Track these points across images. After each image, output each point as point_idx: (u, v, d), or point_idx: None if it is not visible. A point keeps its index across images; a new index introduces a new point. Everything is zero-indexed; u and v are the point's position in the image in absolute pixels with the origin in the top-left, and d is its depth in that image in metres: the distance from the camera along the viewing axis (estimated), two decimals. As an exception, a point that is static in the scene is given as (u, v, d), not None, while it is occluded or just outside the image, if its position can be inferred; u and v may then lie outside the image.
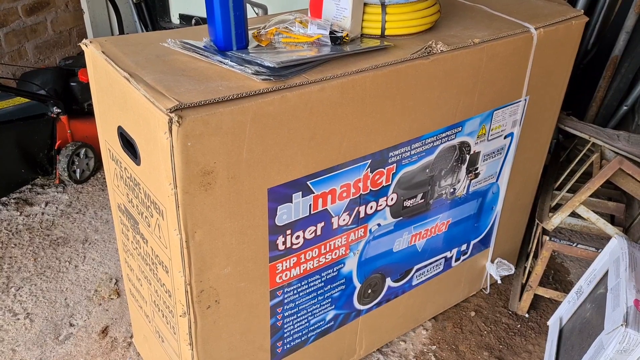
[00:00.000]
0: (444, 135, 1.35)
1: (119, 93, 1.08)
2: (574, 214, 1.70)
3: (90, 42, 1.16)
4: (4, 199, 2.25)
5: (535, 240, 1.88)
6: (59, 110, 2.30)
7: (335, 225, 1.27)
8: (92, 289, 1.83)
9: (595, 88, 2.39)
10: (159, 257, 1.17)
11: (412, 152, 1.30)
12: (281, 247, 1.19)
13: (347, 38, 1.19)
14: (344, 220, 1.27)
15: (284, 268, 1.23)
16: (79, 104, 2.49)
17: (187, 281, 1.09)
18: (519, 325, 1.77)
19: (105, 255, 1.98)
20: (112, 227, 2.12)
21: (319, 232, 1.24)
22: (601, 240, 1.79)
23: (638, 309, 1.30)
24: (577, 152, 2.08)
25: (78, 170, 2.38)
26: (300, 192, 1.15)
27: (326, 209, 1.22)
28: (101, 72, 1.15)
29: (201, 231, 1.05)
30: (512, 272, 1.80)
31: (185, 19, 2.46)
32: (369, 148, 1.21)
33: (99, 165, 2.47)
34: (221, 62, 1.07)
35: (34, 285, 1.84)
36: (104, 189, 2.36)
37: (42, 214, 2.18)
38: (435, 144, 1.34)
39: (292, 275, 1.26)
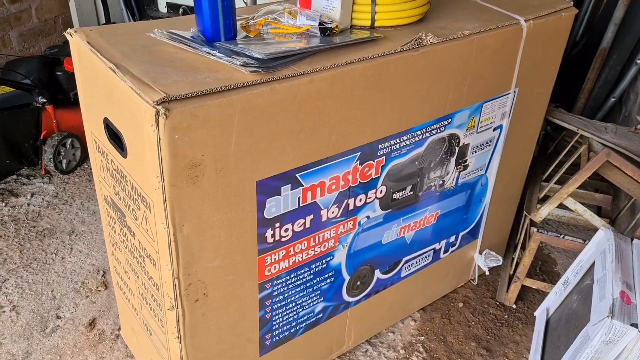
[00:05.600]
0: (433, 127, 1.35)
1: (105, 84, 1.06)
2: (561, 206, 1.71)
3: (75, 31, 1.14)
4: (-11, 189, 2.22)
5: (523, 232, 1.90)
6: (44, 100, 2.26)
7: (324, 218, 1.26)
8: (79, 281, 1.82)
9: (584, 80, 2.40)
10: (147, 250, 1.16)
11: (402, 145, 1.30)
12: (270, 240, 1.19)
13: (336, 29, 1.18)
14: (333, 212, 1.27)
15: (273, 261, 1.23)
16: (65, 94, 2.45)
17: (175, 274, 1.08)
18: (506, 316, 1.79)
19: (92, 247, 1.96)
20: (99, 219, 2.10)
21: (308, 225, 1.24)
22: (588, 232, 1.81)
23: (624, 300, 1.31)
24: (565, 143, 2.09)
25: (64, 161, 2.35)
26: (289, 185, 1.14)
27: (315, 201, 1.22)
28: (86, 62, 1.13)
29: (189, 224, 1.04)
30: (500, 263, 1.81)
31: (173, 8, 2.43)
32: (358, 140, 1.20)
33: (85, 156, 2.44)
34: (209, 53, 1.06)
35: (20, 278, 1.82)
36: (90, 179, 2.34)
37: (28, 205, 2.16)
38: (424, 136, 1.34)
39: (281, 268, 1.25)
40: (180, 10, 2.34)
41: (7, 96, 2.19)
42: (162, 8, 2.47)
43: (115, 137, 1.10)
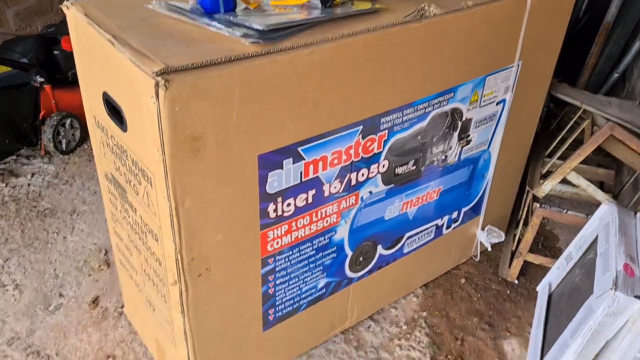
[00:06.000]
0: (436, 101, 1.33)
1: (103, 57, 1.04)
2: (564, 181, 1.70)
3: (72, 4, 1.12)
4: (-11, 170, 2.21)
5: (526, 208, 1.89)
6: (42, 79, 2.24)
7: (326, 193, 1.25)
8: (81, 260, 1.82)
9: (587, 55, 2.37)
10: (149, 226, 1.15)
11: (404, 119, 1.29)
12: (272, 215, 1.18)
13: (337, 1, 1.16)
14: (335, 187, 1.26)
15: (275, 236, 1.22)
16: (63, 73, 2.43)
17: (177, 249, 1.07)
18: (508, 292, 1.79)
19: (94, 227, 1.96)
20: (100, 198, 2.10)
21: (310, 200, 1.23)
22: (591, 207, 1.80)
23: (627, 273, 1.31)
24: (568, 119, 2.08)
25: (64, 141, 2.34)
26: (291, 159, 1.13)
27: (317, 176, 1.21)
28: (84, 36, 1.11)
29: (190, 198, 1.03)
30: (503, 239, 1.81)
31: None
32: (360, 114, 1.19)
33: (84, 136, 2.43)
34: (208, 24, 1.04)
35: (22, 257, 1.82)
36: (90, 159, 2.33)
37: (29, 185, 2.15)
38: (427, 110, 1.33)
39: (283, 243, 1.25)
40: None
41: (4, 76, 2.17)
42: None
43: (114, 112, 1.09)
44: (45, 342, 1.55)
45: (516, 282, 1.82)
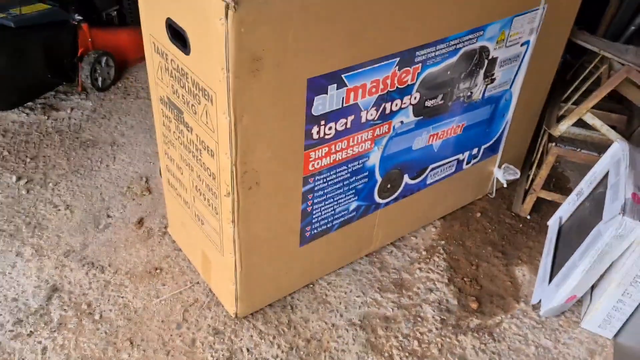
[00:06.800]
0: (466, 38, 1.43)
1: (170, -16, 1.15)
2: (578, 124, 1.81)
3: None
4: (30, 103, 2.33)
5: (541, 149, 2.00)
6: (80, 18, 2.33)
7: (363, 120, 1.37)
8: (124, 186, 1.96)
9: (606, 6, 2.43)
10: (205, 143, 1.28)
11: (437, 53, 1.39)
12: (315, 136, 1.30)
13: (382, -63, 1.24)
14: (371, 115, 1.38)
15: (317, 157, 1.35)
16: (97, 13, 2.52)
17: (232, 162, 1.20)
18: (521, 225, 1.93)
19: (134, 157, 2.09)
20: (137, 132, 2.22)
21: (349, 125, 1.35)
22: (602, 149, 1.91)
23: (634, 200, 1.43)
24: (584, 70, 2.16)
25: (100, 79, 2.44)
26: (335, 85, 1.24)
27: (356, 102, 1.32)
28: (149, -35, 1.21)
29: (248, 115, 1.15)
30: (518, 176, 1.93)
31: None
32: (398, 46, 1.29)
33: (119, 75, 2.53)
34: (267, -45, 1.13)
35: (70, 182, 1.96)
36: (125, 97, 2.44)
37: (69, 118, 2.27)
38: (458, 46, 1.43)
39: (322, 164, 1.38)
40: None
41: (45, 12, 2.26)
42: None
43: (178, 36, 1.20)
44: (97, 255, 1.70)
45: (529, 217, 1.96)
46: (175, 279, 1.64)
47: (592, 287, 1.59)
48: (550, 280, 1.63)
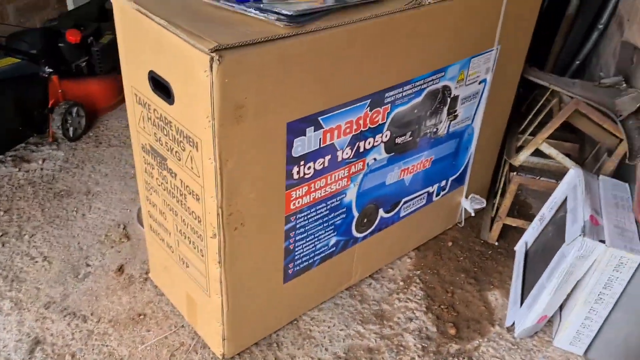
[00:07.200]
0: (430, 79, 1.54)
1: (154, 40, 1.21)
2: (536, 153, 1.93)
3: (119, -6, 1.28)
4: (0, 156, 2.32)
5: (503, 178, 2.12)
6: (50, 70, 2.37)
7: (339, 159, 1.45)
8: (102, 234, 1.97)
9: (552, 44, 2.63)
10: (189, 187, 1.33)
11: (404, 94, 1.49)
12: (295, 176, 1.37)
13: (350, -9, 1.35)
14: (347, 153, 1.46)
15: (297, 196, 1.41)
16: (67, 65, 2.55)
17: (219, 205, 1.25)
18: (490, 252, 2.02)
19: (109, 205, 2.11)
20: (111, 180, 2.24)
21: (326, 164, 1.42)
22: (559, 175, 2.04)
23: (593, 222, 1.54)
24: (536, 103, 2.32)
25: (71, 129, 2.46)
26: (313, 127, 1.32)
27: (333, 143, 1.40)
28: (131, 22, 1.28)
29: (232, 159, 1.21)
30: (484, 205, 2.03)
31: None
32: (369, 89, 1.39)
33: (89, 124, 2.56)
34: (245, 10, 1.22)
35: (46, 233, 1.96)
36: (97, 145, 2.46)
37: (41, 169, 2.28)
38: (422, 87, 1.53)
39: (303, 203, 1.44)
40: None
41: (15, 66, 2.29)
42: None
43: (161, 87, 1.26)
44: (79, 304, 1.70)
45: (496, 243, 2.05)
46: (159, 324, 1.65)
47: (561, 307, 1.68)
48: (521, 303, 1.72)
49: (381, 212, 1.71)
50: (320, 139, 1.36)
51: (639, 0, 2.11)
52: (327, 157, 1.42)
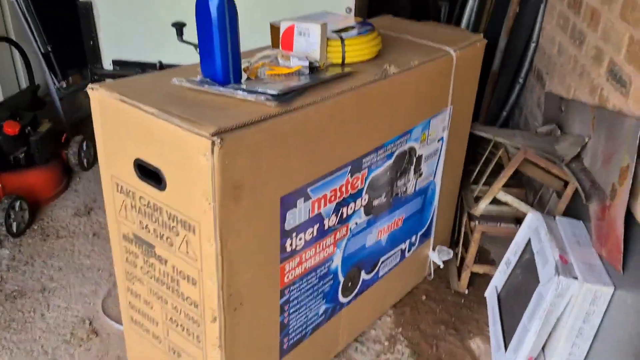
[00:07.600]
0: (398, 142, 1.62)
1: (142, 128, 1.21)
2: (492, 201, 2.05)
3: (98, 87, 1.27)
4: (-63, 262, 2.14)
5: (463, 228, 2.22)
6: (-11, 165, 2.25)
7: (326, 226, 1.47)
8: (67, 333, 1.83)
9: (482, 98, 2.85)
10: (183, 272, 1.29)
11: (378, 158, 1.56)
12: (288, 249, 1.37)
13: (322, 67, 1.42)
14: (332, 220, 1.48)
15: (291, 268, 1.41)
16: (6, 157, 2.43)
17: (220, 287, 1.23)
18: (462, 300, 2.08)
19: (69, 300, 1.98)
20: (67, 273, 2.12)
21: (315, 233, 1.44)
22: (514, 220, 2.17)
23: (562, 261, 1.65)
24: (479, 155, 2.48)
25: (14, 224, 2.32)
26: (302, 199, 1.35)
27: (320, 212, 1.43)
28: (113, 113, 1.27)
29: (231, 239, 1.20)
30: (451, 256, 2.11)
31: (120, 65, 2.53)
32: (350, 156, 1.44)
33: (33, 218, 2.42)
34: (232, 92, 1.25)
35: (3, 339, 1.80)
36: (44, 238, 2.33)
37: (-13, 271, 2.11)
38: (392, 150, 1.61)
39: (296, 274, 1.44)
40: (157, 65, 2.45)
41: (-49, 164, 2.15)
42: (107, 65, 2.56)
43: (149, 175, 1.24)
44: (54, 415, 1.56)
45: (467, 291, 2.12)
46: (148, 423, 1.54)
47: (542, 347, 1.75)
48: (505, 347, 1.77)
49: (363, 274, 1.73)
50: (309, 210, 1.38)
51: (554, 56, 2.35)
52: (316, 227, 1.44)
